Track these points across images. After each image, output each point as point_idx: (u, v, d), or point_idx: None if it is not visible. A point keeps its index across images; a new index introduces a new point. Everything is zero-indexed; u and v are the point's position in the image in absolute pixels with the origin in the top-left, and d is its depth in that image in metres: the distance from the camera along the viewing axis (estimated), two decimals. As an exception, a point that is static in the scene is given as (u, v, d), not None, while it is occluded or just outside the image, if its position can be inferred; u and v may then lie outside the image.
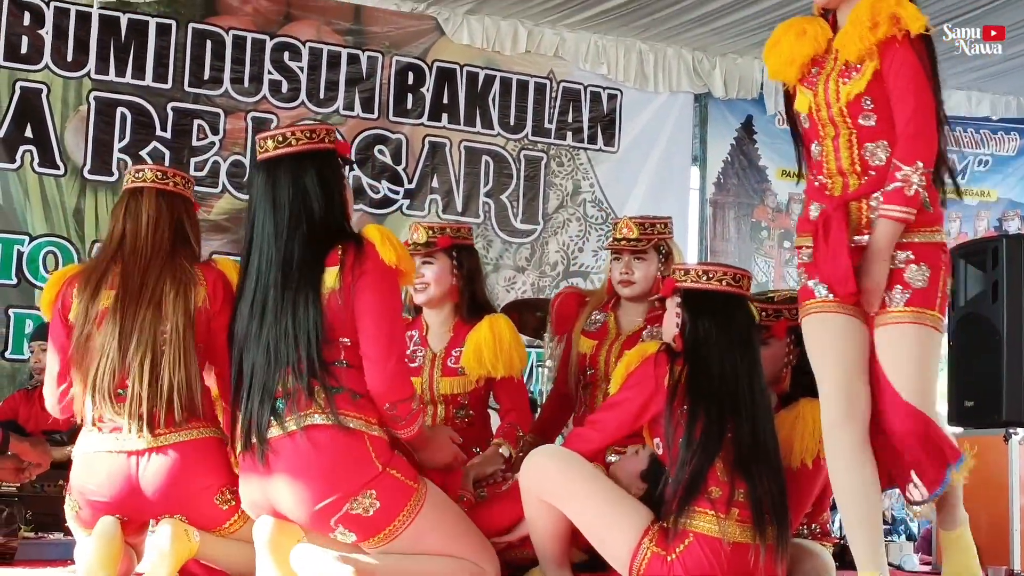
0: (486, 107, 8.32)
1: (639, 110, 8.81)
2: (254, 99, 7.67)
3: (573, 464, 4.00)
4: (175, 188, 4.26)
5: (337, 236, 3.92)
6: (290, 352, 3.80)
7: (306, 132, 4.03)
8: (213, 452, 4.05)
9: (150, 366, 4.01)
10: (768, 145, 9.24)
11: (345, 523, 3.78)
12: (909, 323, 3.74)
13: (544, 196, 8.48)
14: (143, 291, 4.06)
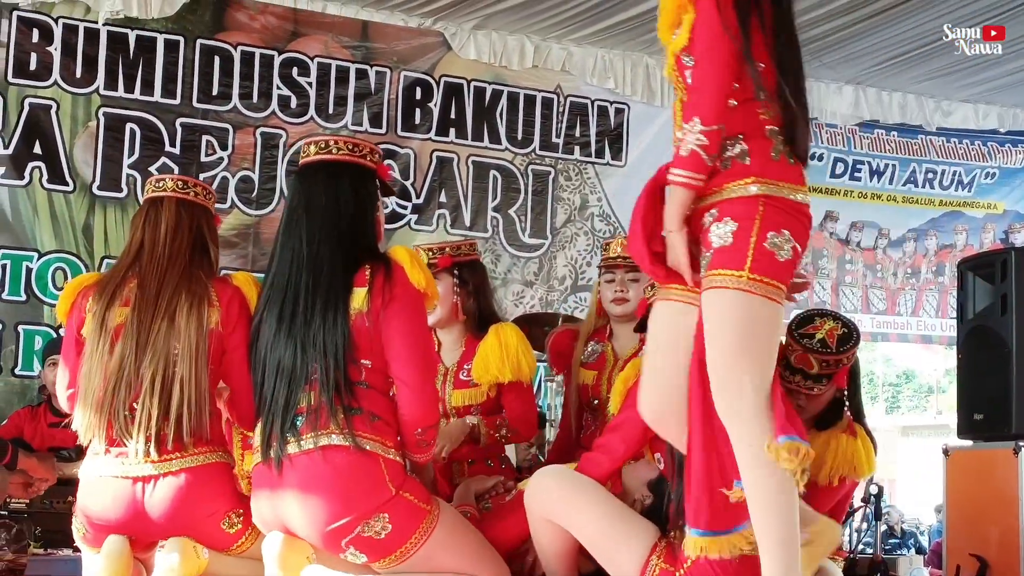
0: (493, 122, 8.34)
1: (646, 124, 8.80)
2: (263, 114, 7.68)
3: (577, 484, 3.99)
4: (195, 198, 4.24)
5: (366, 255, 3.89)
6: (317, 369, 3.79)
7: (349, 144, 4.04)
8: (219, 477, 4.03)
9: (161, 383, 3.99)
10: (774, 159, 9.23)
11: (356, 545, 3.76)
12: (710, 288, 3.30)
13: (552, 210, 8.49)
14: (159, 301, 4.04)
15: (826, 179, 9.44)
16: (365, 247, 3.94)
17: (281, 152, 7.69)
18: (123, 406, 3.99)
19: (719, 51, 3.25)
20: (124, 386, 4.00)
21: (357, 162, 4.03)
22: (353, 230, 3.95)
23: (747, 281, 3.27)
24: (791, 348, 4.27)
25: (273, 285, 3.97)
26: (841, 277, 9.45)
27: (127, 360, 4.00)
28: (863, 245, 9.56)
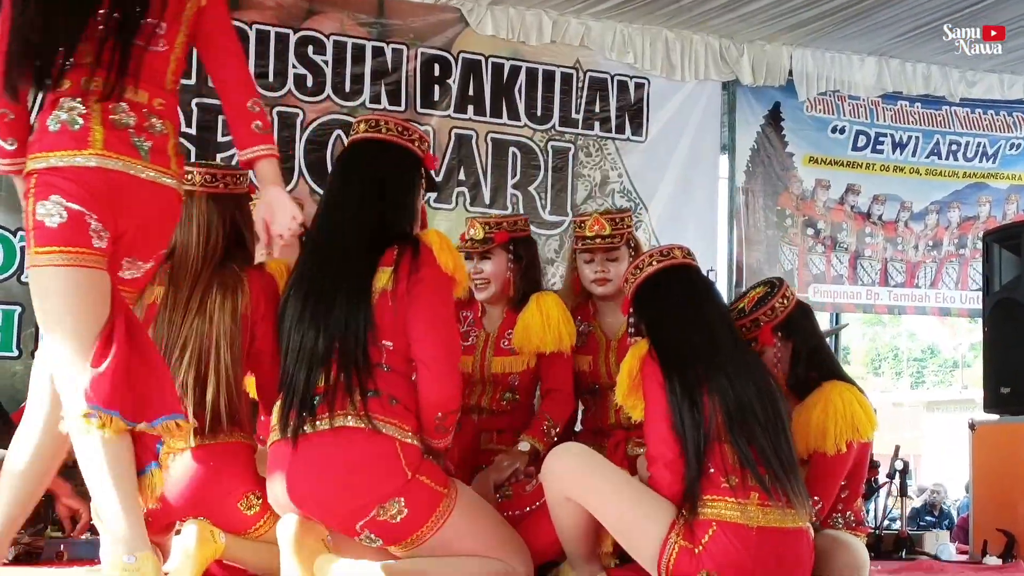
0: (512, 98, 8.26)
1: (667, 99, 8.73)
2: (279, 93, 7.62)
3: (595, 462, 3.98)
4: (226, 189, 4.23)
5: (397, 237, 3.87)
6: (338, 348, 3.77)
7: (399, 126, 4.03)
8: (239, 457, 4.03)
9: (194, 374, 4.00)
10: (796, 132, 9.19)
11: (372, 528, 3.74)
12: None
13: (572, 187, 8.42)
14: (191, 299, 4.05)
15: (848, 152, 9.36)
16: (399, 231, 3.91)
17: (298, 131, 7.64)
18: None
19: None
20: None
21: (405, 145, 4.02)
22: (389, 211, 3.94)
23: (33, 256, 3.35)
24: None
25: (303, 263, 3.98)
26: (860, 250, 9.37)
27: (167, 355, 4.00)
28: (885, 218, 9.48)
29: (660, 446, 3.90)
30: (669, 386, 3.89)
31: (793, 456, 3.94)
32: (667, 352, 3.95)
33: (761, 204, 9.08)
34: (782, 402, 4.00)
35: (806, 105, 9.16)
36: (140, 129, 3.46)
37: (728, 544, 3.76)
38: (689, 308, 4.07)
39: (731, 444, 3.82)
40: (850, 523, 4.59)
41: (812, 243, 9.24)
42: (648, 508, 3.87)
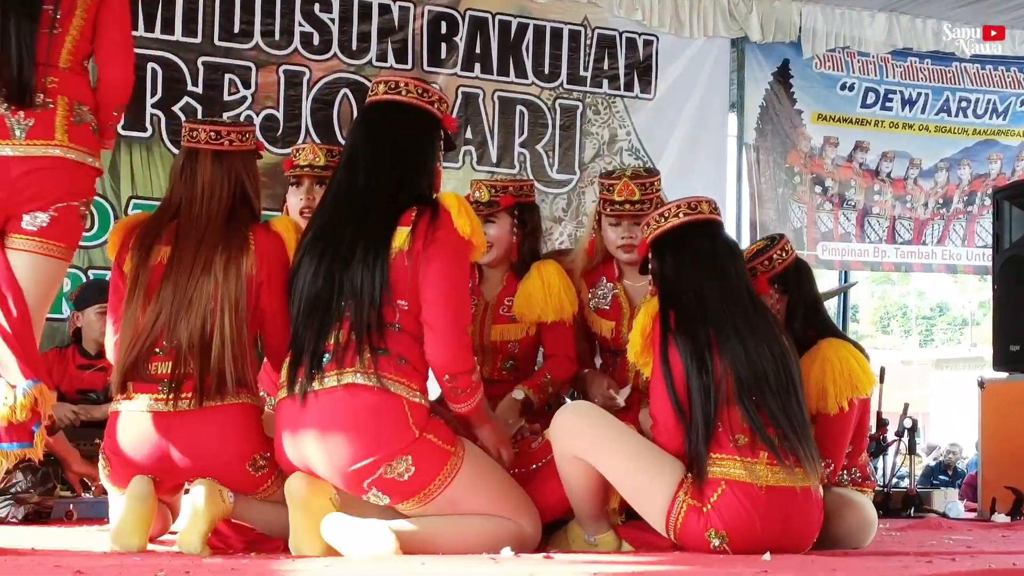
0: (519, 56, 8.22)
1: (675, 56, 8.68)
2: (286, 52, 7.58)
3: (603, 421, 3.98)
4: (231, 146, 4.21)
5: (415, 199, 3.86)
6: (350, 306, 3.78)
7: (419, 88, 4.03)
8: (245, 419, 4.03)
9: (199, 335, 3.99)
10: (804, 89, 9.15)
11: (379, 486, 3.74)
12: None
13: (580, 145, 8.39)
14: (196, 259, 4.04)
15: (857, 109, 9.33)
16: (417, 192, 3.91)
17: (305, 90, 7.61)
18: (150, 351, 4.01)
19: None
20: (158, 331, 4.01)
21: (424, 107, 4.01)
22: (408, 173, 3.93)
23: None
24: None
25: (319, 221, 3.98)
26: (868, 208, 9.35)
27: (163, 317, 4.01)
28: (894, 175, 9.45)
29: (663, 411, 3.90)
30: (670, 351, 3.88)
31: (804, 418, 3.92)
32: (680, 311, 3.93)
33: (771, 162, 9.05)
34: (795, 365, 3.99)
35: (815, 62, 9.13)
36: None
37: (736, 503, 3.76)
38: (708, 267, 4.01)
39: (741, 407, 3.81)
40: (856, 479, 4.59)
41: (820, 201, 9.22)
42: (656, 467, 3.87)
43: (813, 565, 3.48)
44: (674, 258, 4.04)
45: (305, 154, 5.05)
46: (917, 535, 5.31)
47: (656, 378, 3.93)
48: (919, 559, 3.83)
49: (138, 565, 3.35)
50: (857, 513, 4.40)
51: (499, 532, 3.83)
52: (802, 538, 3.89)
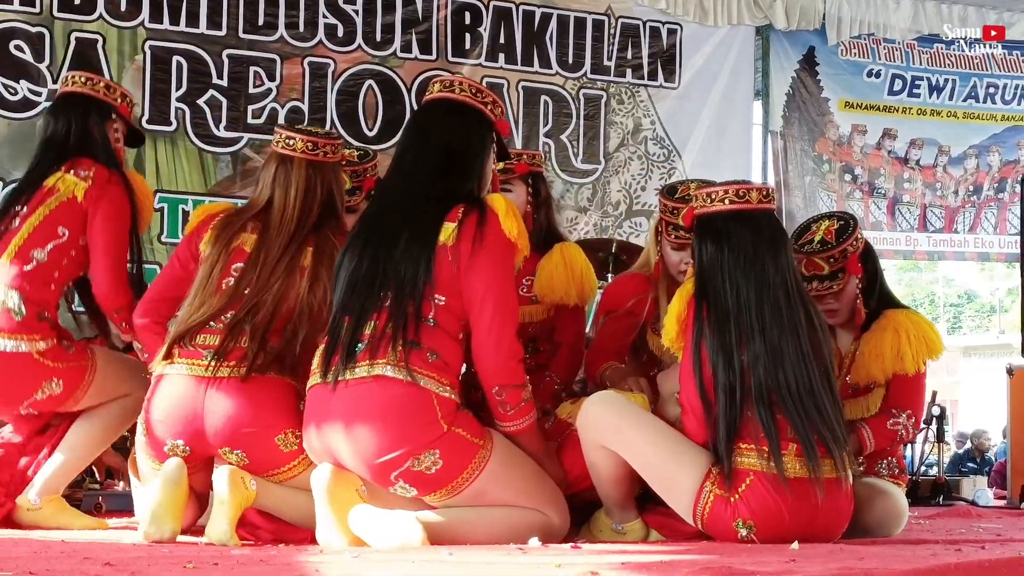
0: (543, 46, 8.20)
1: (699, 45, 8.65)
2: (310, 44, 7.59)
3: (630, 411, 3.96)
4: (326, 158, 4.32)
5: (464, 197, 3.90)
6: (389, 296, 3.80)
7: (473, 88, 4.09)
8: (282, 393, 4.07)
9: (269, 321, 4.07)
10: (830, 76, 9.11)
11: (406, 479, 3.75)
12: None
13: (605, 135, 8.36)
14: (283, 254, 4.18)
15: (884, 96, 9.28)
16: (466, 191, 3.94)
17: (330, 81, 7.62)
18: (208, 327, 4.09)
19: None
20: (221, 312, 4.11)
21: (478, 107, 4.05)
22: (458, 171, 3.96)
23: None
24: (799, 261, 4.44)
25: (368, 212, 4.05)
26: (899, 196, 9.30)
27: (234, 297, 4.12)
28: (923, 163, 9.40)
29: (691, 396, 3.90)
30: (702, 340, 3.87)
31: (833, 410, 3.90)
32: (714, 303, 3.91)
33: (798, 149, 9.02)
34: (826, 358, 3.96)
35: (841, 49, 9.08)
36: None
37: (764, 494, 3.75)
38: (746, 261, 3.93)
39: (759, 408, 3.79)
40: (893, 471, 4.59)
41: (850, 189, 9.18)
42: (684, 457, 3.87)
43: (841, 553, 3.46)
44: (714, 246, 3.98)
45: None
46: (946, 523, 5.29)
47: (686, 367, 3.92)
48: (948, 547, 3.80)
49: (167, 557, 3.36)
50: (888, 502, 4.39)
51: (526, 523, 3.83)
52: (830, 528, 3.88)
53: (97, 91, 4.84)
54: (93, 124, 4.77)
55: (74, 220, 4.61)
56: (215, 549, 3.70)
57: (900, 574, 2.85)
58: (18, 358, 4.47)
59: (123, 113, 4.90)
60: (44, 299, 4.57)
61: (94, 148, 4.75)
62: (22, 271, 4.54)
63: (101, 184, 4.63)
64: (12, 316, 4.49)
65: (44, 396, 4.53)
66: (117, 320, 4.67)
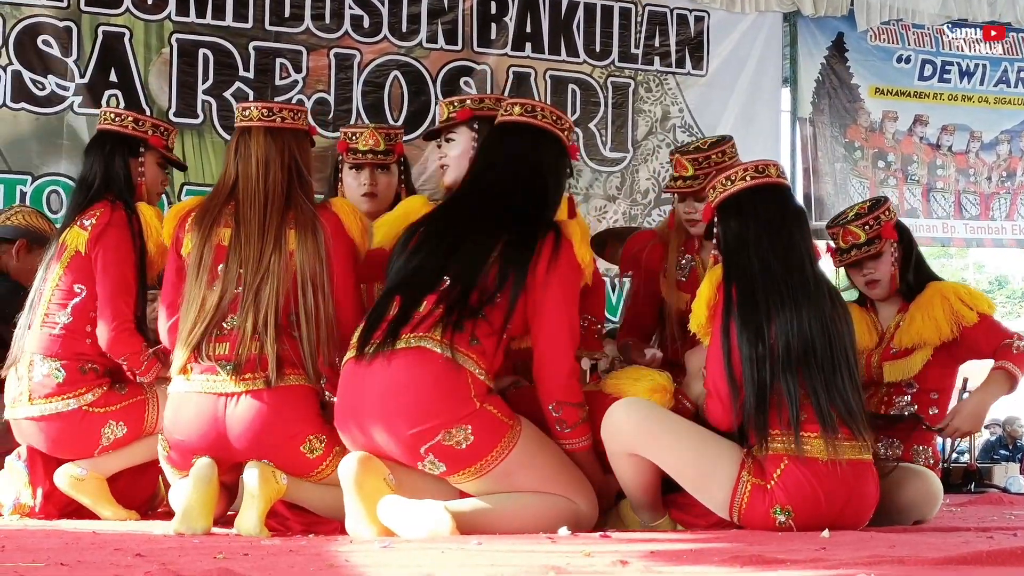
0: (571, 35, 8.16)
1: (727, 32, 8.60)
2: (336, 35, 7.57)
3: (653, 416, 3.95)
4: (283, 123, 4.25)
5: (547, 224, 4.00)
6: (447, 280, 3.89)
7: (554, 115, 4.16)
8: (302, 400, 4.05)
9: (274, 313, 4.05)
10: (860, 63, 9.04)
11: (436, 453, 3.77)
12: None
13: (633, 123, 8.32)
14: (264, 236, 4.09)
15: (914, 82, 9.21)
16: (547, 217, 4.06)
17: (355, 73, 7.60)
18: (216, 334, 4.06)
19: None
20: (224, 316, 4.06)
21: (557, 134, 4.15)
22: (541, 197, 4.08)
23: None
24: (835, 239, 4.78)
25: (439, 216, 4.12)
26: (932, 183, 9.23)
27: (228, 296, 4.08)
28: (955, 149, 9.32)
29: (717, 380, 3.88)
30: (730, 318, 3.85)
31: (857, 393, 3.89)
32: (741, 280, 3.90)
33: (829, 136, 8.95)
34: (848, 336, 3.95)
35: (870, 35, 9.00)
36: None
37: (800, 477, 3.74)
38: (774, 233, 3.94)
39: (785, 380, 3.78)
40: (928, 461, 4.60)
41: (883, 176, 9.11)
42: (716, 452, 3.86)
43: (872, 541, 3.45)
44: (738, 223, 3.98)
45: (365, 139, 5.02)
46: (977, 510, 5.27)
47: (714, 349, 3.91)
48: (980, 535, 3.79)
49: (197, 548, 3.38)
50: (923, 483, 4.41)
51: (555, 511, 3.84)
52: (862, 510, 3.88)
53: (125, 126, 4.82)
54: (117, 162, 4.78)
55: (85, 274, 4.63)
56: (245, 540, 3.73)
57: (932, 562, 2.84)
58: (70, 416, 4.54)
59: (155, 145, 4.85)
60: (82, 353, 4.62)
61: (113, 187, 4.76)
62: (51, 337, 4.61)
63: (99, 230, 4.62)
64: (54, 380, 4.57)
65: (111, 441, 4.59)
66: (128, 367, 4.65)
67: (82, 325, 4.60)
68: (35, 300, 4.70)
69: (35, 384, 4.57)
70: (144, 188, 4.81)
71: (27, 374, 4.59)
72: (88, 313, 4.61)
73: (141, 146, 4.81)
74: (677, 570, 2.78)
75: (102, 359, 4.63)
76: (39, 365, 4.58)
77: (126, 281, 4.61)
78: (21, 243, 5.47)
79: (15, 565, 2.81)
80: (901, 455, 4.57)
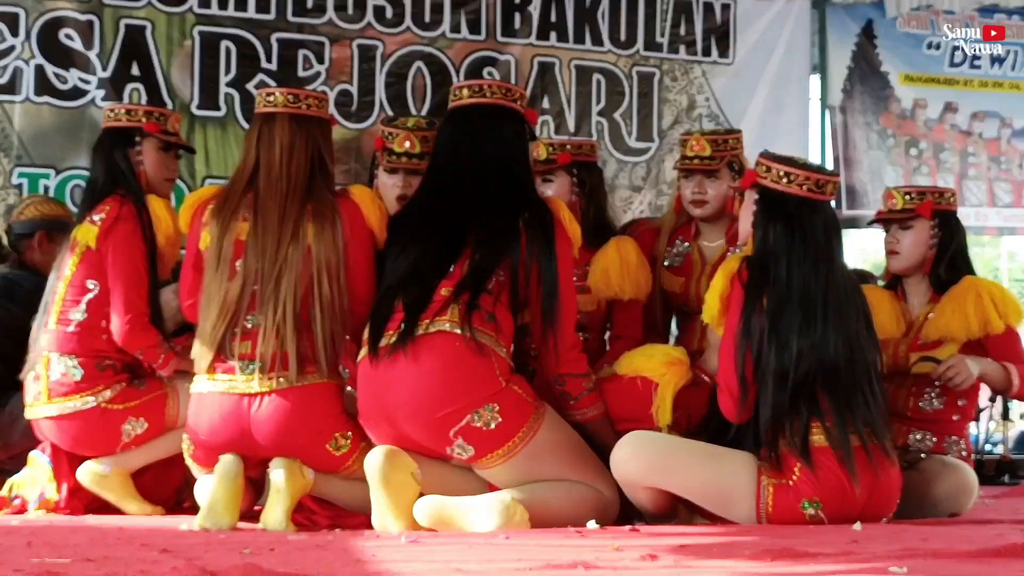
0: (595, 24, 8.10)
1: (754, 19, 8.51)
2: (359, 26, 7.53)
3: (662, 447, 3.95)
4: (309, 111, 4.22)
5: (526, 197, 4.07)
6: (458, 266, 3.93)
7: (502, 88, 4.18)
8: (327, 398, 4.06)
9: (292, 306, 4.03)
10: (890, 49, 8.98)
11: (465, 436, 3.80)
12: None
13: (659, 113, 8.26)
14: (283, 228, 4.05)
15: (945, 69, 9.14)
16: (527, 188, 4.12)
17: (378, 63, 7.56)
18: (237, 332, 4.05)
19: None
20: (245, 311, 4.04)
21: (511, 107, 4.14)
22: (515, 170, 4.10)
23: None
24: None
25: (418, 210, 4.14)
26: (964, 171, 9.15)
27: (247, 291, 4.05)
28: (986, 136, 9.24)
29: (729, 376, 3.87)
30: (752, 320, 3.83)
31: (880, 409, 3.90)
32: (775, 288, 3.88)
33: (861, 124, 8.88)
34: (871, 354, 3.96)
35: (899, 21, 8.92)
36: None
37: (822, 465, 3.73)
38: (819, 258, 3.92)
39: (810, 406, 3.79)
40: (960, 453, 4.58)
41: (916, 164, 9.03)
42: (729, 470, 3.86)
43: (905, 534, 3.45)
44: (784, 230, 3.94)
45: (400, 141, 4.99)
46: (1012, 502, 5.25)
47: (729, 346, 3.88)
48: (1014, 527, 3.78)
49: (224, 543, 3.41)
50: (957, 476, 4.44)
51: (585, 497, 3.90)
52: (888, 495, 3.87)
53: (119, 119, 4.82)
54: (118, 156, 4.76)
55: (97, 269, 4.62)
56: (271, 535, 3.77)
57: (965, 555, 2.82)
58: (89, 414, 4.53)
59: (150, 131, 4.80)
60: (99, 349, 4.61)
61: (120, 181, 4.74)
62: (66, 335, 4.60)
63: (108, 225, 4.61)
64: (71, 378, 4.55)
65: (131, 438, 4.58)
66: (145, 361, 4.64)
67: (97, 321, 4.59)
68: (49, 298, 4.69)
69: (52, 383, 4.56)
70: (145, 177, 4.77)
71: (44, 372, 4.57)
72: (102, 309, 4.59)
73: (136, 135, 4.77)
74: (707, 564, 2.79)
75: (119, 355, 4.62)
76: (55, 363, 4.57)
77: (138, 274, 4.58)
78: (40, 235, 5.45)
79: (42, 561, 2.83)
80: (933, 447, 4.54)
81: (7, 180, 6.83)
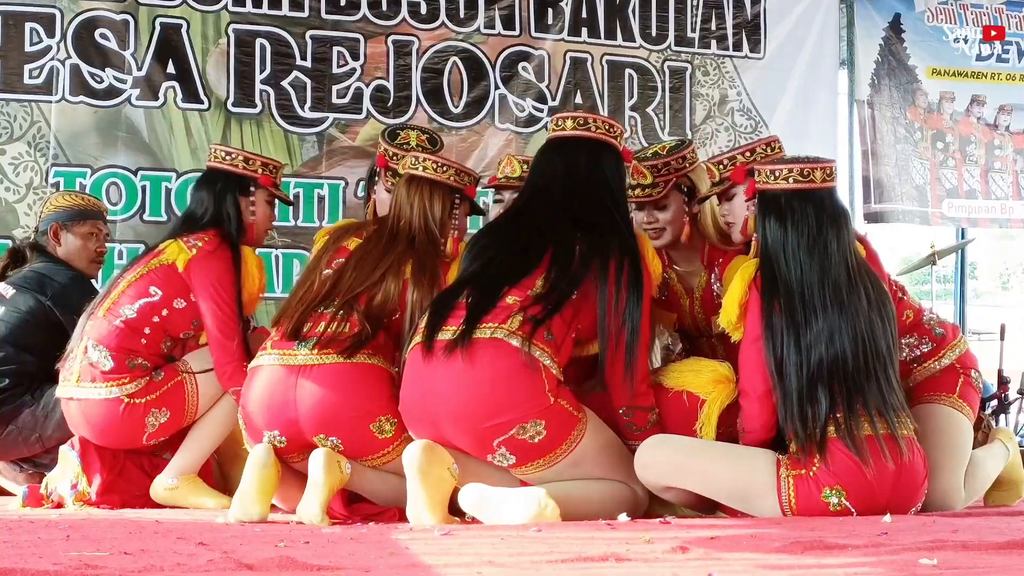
0: (627, 19, 8.10)
1: (784, 13, 8.50)
2: (393, 22, 7.54)
3: (683, 449, 3.98)
4: (451, 181, 4.48)
5: (619, 235, 4.06)
6: (530, 280, 3.94)
7: (606, 124, 4.22)
8: (375, 379, 4.09)
9: (367, 302, 4.19)
10: (917, 43, 8.95)
11: (508, 446, 3.81)
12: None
13: (691, 107, 8.26)
14: (385, 258, 4.27)
15: (972, 62, 9.11)
16: (621, 222, 4.11)
17: (414, 59, 7.57)
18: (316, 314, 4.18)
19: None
20: (322, 298, 4.21)
21: (611, 143, 4.19)
22: (610, 203, 4.11)
23: None
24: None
25: (507, 223, 4.23)
26: (991, 163, 9.13)
27: (337, 286, 4.22)
28: (1012, 129, 9.22)
29: (754, 379, 3.88)
30: (772, 320, 3.86)
31: (894, 391, 3.90)
32: (784, 286, 3.91)
33: (889, 118, 8.86)
34: (885, 339, 3.95)
35: (926, 15, 8.90)
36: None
37: (842, 454, 3.76)
38: (810, 240, 3.95)
39: (824, 385, 3.81)
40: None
41: (943, 157, 9.01)
42: (748, 466, 3.88)
43: (934, 526, 3.45)
44: (778, 224, 3.98)
45: (503, 167, 5.18)
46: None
47: (750, 347, 3.92)
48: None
49: (259, 536, 3.42)
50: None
51: (620, 495, 3.94)
52: (914, 482, 3.87)
53: (236, 165, 4.91)
54: (229, 200, 4.86)
55: (169, 284, 4.71)
56: (307, 528, 3.78)
57: (995, 547, 2.81)
58: (110, 404, 4.61)
59: (264, 184, 4.91)
60: (134, 349, 4.68)
61: (224, 224, 4.84)
62: (110, 326, 4.67)
63: (204, 255, 4.72)
64: (100, 367, 4.62)
65: (156, 428, 4.67)
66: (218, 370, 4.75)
67: (143, 324, 4.68)
68: (109, 289, 4.78)
69: (84, 367, 4.64)
70: (255, 228, 4.91)
71: (81, 356, 4.66)
72: (152, 317, 4.69)
73: (252, 184, 4.87)
74: (737, 556, 2.78)
75: (153, 358, 4.72)
76: (91, 351, 4.65)
77: (228, 305, 4.69)
78: (54, 227, 5.48)
79: (80, 554, 2.85)
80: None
81: (44, 179, 6.86)
